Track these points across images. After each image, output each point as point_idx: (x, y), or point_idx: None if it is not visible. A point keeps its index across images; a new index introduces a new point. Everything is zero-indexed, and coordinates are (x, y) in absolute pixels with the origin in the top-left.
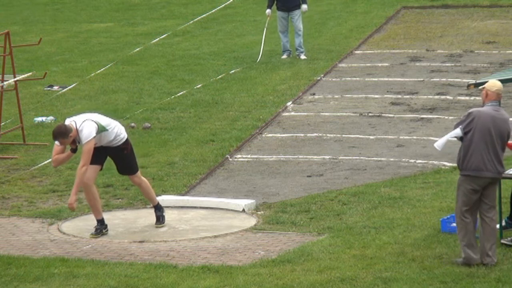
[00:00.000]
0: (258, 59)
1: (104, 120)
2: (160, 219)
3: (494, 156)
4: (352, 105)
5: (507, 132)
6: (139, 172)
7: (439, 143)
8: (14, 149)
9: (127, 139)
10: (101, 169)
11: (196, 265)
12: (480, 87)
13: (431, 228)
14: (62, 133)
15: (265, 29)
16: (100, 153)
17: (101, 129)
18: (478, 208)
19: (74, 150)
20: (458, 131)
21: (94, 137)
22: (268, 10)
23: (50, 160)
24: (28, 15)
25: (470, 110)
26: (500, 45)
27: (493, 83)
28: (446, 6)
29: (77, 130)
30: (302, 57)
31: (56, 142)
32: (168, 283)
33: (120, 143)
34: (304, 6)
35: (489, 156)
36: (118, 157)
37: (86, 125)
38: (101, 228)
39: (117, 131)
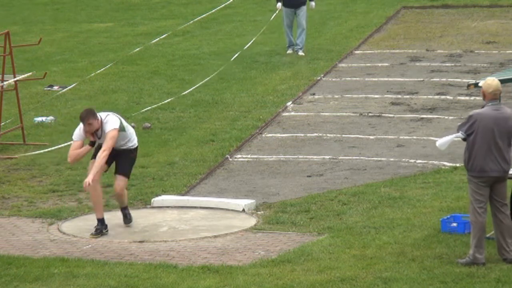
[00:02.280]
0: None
1: (124, 122)
2: (127, 217)
3: (499, 155)
4: (352, 105)
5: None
6: (126, 181)
7: (442, 142)
8: (14, 149)
9: (137, 148)
10: (106, 171)
11: (196, 265)
12: (480, 84)
13: (431, 228)
14: (93, 113)
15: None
16: (109, 156)
17: (121, 128)
18: (486, 208)
19: (92, 143)
20: (459, 135)
21: (117, 128)
22: (279, 4)
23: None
24: (28, 15)
25: (471, 113)
26: (500, 45)
27: (488, 85)
28: (446, 6)
29: (101, 122)
30: (300, 53)
31: (76, 137)
32: (168, 283)
33: (129, 147)
34: (312, 3)
35: (493, 156)
36: (122, 157)
37: (110, 118)
38: (101, 228)
39: (131, 137)
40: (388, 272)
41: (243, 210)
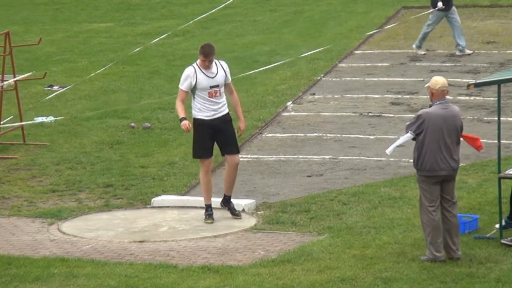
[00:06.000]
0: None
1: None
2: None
3: (447, 154)
4: (352, 105)
5: (460, 126)
6: (199, 161)
7: (390, 149)
8: (14, 149)
9: (194, 120)
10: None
11: (196, 265)
12: (426, 86)
13: None
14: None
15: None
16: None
17: None
18: (439, 206)
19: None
20: (409, 135)
21: None
22: (439, 3)
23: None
24: (28, 15)
25: (419, 113)
26: (500, 45)
27: (435, 81)
28: None
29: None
30: (459, 53)
31: (185, 86)
32: (168, 283)
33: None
34: (439, 4)
35: (442, 155)
36: None
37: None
38: (210, 213)
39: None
40: (388, 272)
41: (243, 210)
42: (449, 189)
